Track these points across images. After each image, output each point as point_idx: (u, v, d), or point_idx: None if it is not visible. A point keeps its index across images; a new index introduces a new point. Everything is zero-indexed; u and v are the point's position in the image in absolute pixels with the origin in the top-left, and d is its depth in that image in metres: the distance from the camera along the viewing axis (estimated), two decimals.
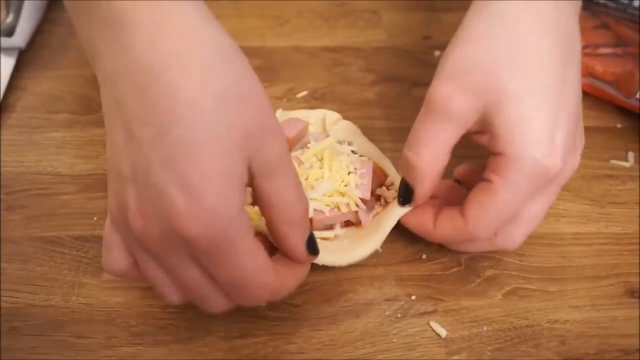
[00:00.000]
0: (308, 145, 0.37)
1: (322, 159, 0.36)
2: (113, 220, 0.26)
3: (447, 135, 0.30)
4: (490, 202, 0.30)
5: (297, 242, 0.28)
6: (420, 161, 0.31)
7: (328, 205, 0.34)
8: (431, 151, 0.30)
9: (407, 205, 0.33)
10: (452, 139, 0.30)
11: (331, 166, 0.35)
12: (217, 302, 0.27)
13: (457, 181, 0.35)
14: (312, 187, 0.34)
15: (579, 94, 0.31)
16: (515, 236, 0.32)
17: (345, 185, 0.34)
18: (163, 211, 0.24)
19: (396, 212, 0.33)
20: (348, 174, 0.35)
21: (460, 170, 0.35)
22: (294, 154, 0.36)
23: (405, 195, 0.32)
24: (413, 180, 0.32)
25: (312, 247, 0.29)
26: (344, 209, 0.34)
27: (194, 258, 0.25)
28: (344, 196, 0.34)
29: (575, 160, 0.31)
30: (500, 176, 0.29)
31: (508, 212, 0.30)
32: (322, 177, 0.35)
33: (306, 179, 0.34)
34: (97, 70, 0.26)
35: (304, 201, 0.28)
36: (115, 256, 0.27)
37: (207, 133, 0.23)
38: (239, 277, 0.25)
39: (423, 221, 0.33)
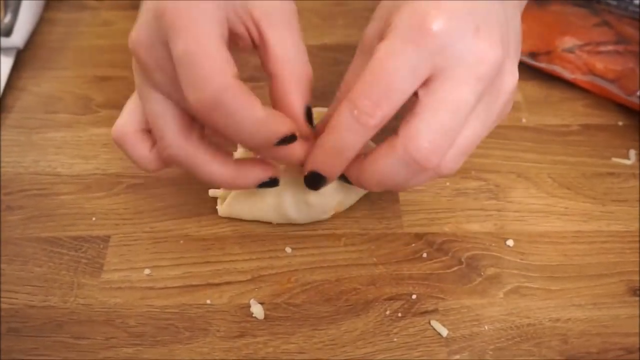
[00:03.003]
0: None
1: None
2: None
3: (357, 66, 0.30)
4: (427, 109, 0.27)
5: (296, 102, 0.29)
6: (338, 92, 0.31)
7: None
8: (345, 83, 0.31)
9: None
10: (362, 69, 0.30)
11: None
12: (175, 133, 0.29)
13: None
14: None
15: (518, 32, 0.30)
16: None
17: None
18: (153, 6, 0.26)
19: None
20: None
21: None
22: None
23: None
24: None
25: (309, 116, 0.30)
26: None
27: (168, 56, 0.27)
28: None
29: (514, 70, 0.29)
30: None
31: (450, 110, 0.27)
32: None
33: None
34: None
35: (309, 65, 0.29)
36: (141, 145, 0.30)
37: None
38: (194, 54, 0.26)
39: (354, 164, 0.30)
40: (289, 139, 0.29)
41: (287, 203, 0.34)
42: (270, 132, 0.28)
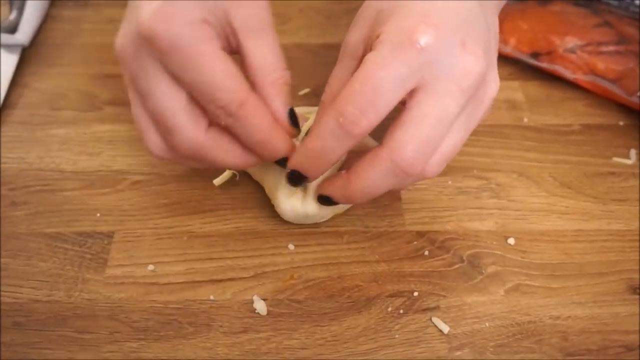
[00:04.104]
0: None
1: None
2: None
3: (342, 70, 0.31)
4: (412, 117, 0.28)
5: (279, 107, 0.30)
6: (323, 96, 0.32)
7: None
8: (330, 87, 0.31)
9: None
10: (347, 74, 0.30)
11: None
12: (188, 129, 0.29)
13: None
14: None
15: (495, 33, 0.30)
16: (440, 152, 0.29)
17: None
18: (136, 21, 0.27)
19: None
20: None
21: None
22: None
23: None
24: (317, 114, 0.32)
25: (293, 118, 0.31)
26: None
27: (163, 68, 0.28)
28: None
29: (496, 77, 0.29)
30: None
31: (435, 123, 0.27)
32: None
33: None
34: None
35: (286, 70, 0.31)
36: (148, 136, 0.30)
37: None
38: (203, 80, 0.27)
39: (337, 182, 0.31)
40: (283, 160, 0.31)
41: (286, 212, 0.35)
42: (272, 151, 0.31)
